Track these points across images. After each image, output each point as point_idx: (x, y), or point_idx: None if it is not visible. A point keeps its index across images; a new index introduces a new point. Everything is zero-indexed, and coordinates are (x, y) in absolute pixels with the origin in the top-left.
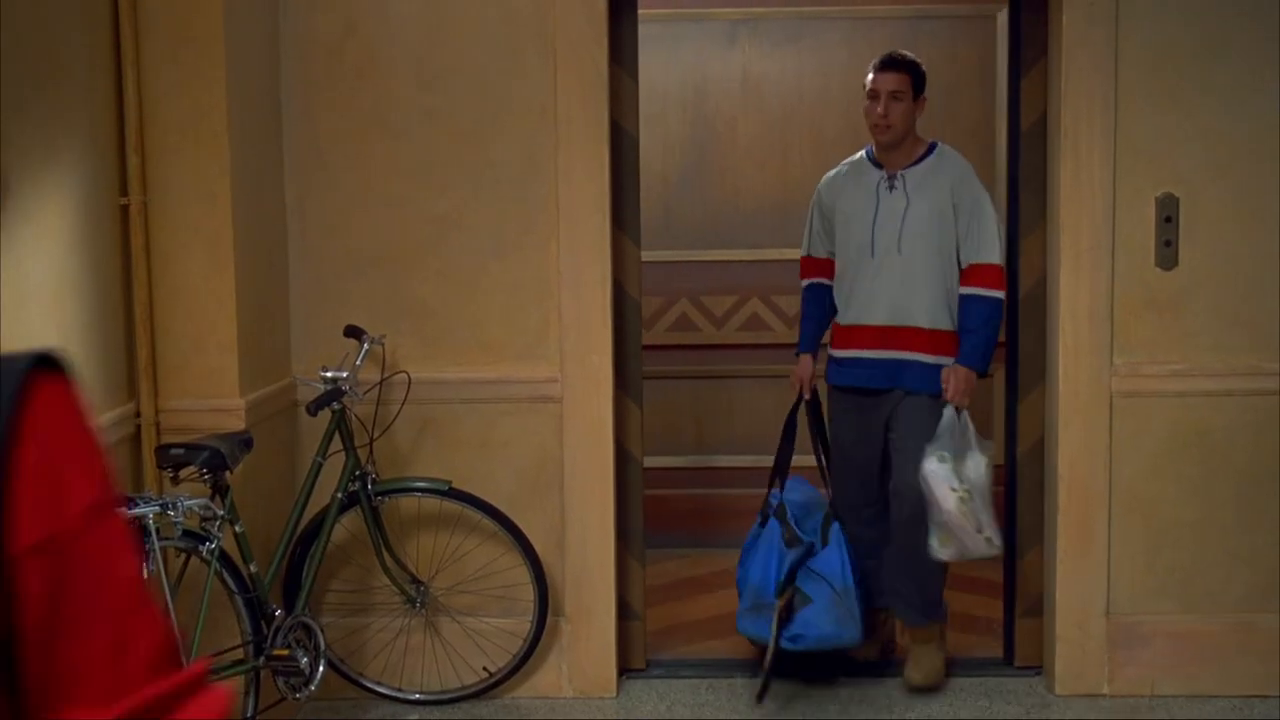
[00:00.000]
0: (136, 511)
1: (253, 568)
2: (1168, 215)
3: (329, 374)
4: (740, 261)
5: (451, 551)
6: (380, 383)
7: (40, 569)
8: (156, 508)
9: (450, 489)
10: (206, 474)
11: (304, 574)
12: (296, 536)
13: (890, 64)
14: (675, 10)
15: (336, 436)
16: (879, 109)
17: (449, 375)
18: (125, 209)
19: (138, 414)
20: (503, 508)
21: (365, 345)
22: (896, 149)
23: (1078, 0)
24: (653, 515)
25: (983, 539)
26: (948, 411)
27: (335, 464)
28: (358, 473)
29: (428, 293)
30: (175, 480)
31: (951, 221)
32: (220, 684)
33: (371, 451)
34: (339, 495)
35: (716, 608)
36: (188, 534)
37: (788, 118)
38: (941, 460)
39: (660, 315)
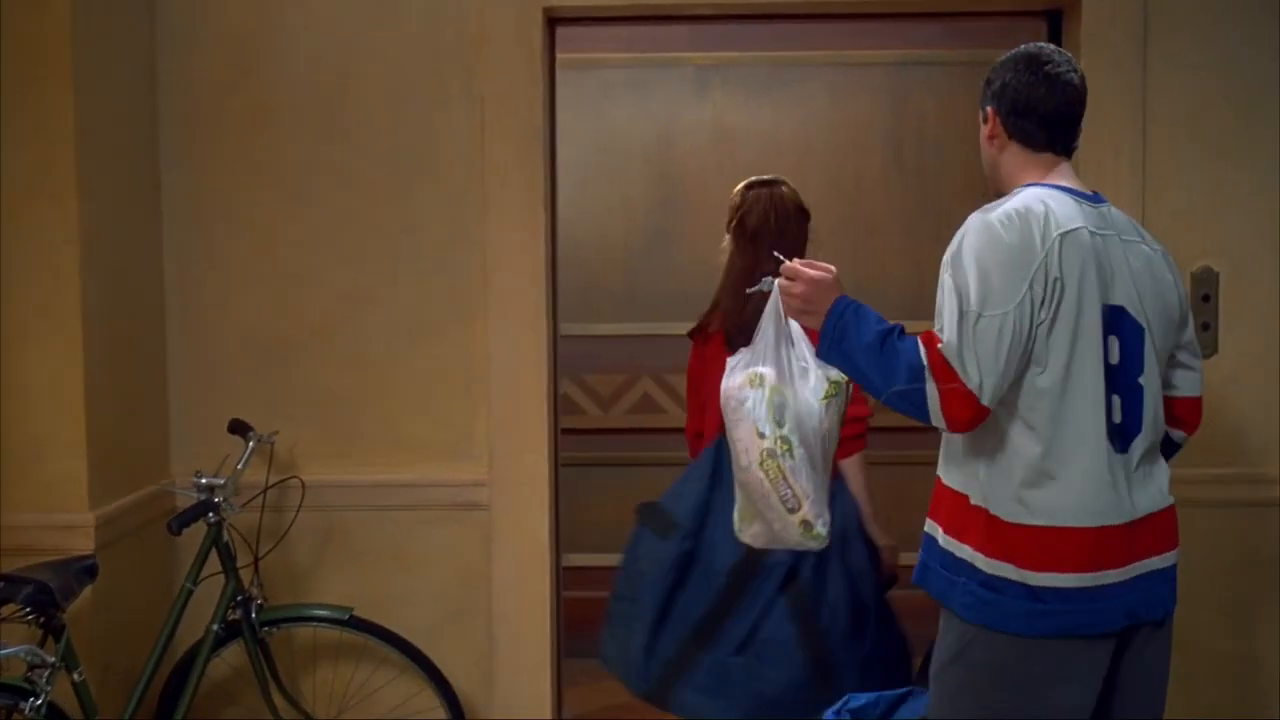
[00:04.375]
0: None
1: None
2: (1206, 293)
3: (203, 480)
4: None
5: (357, 689)
6: (264, 490)
7: None
8: None
9: (351, 618)
10: (31, 613)
11: None
12: (160, 678)
13: None
14: (638, 55)
15: (215, 556)
16: None
17: (357, 478)
18: None
19: None
20: (420, 635)
21: (251, 444)
22: None
23: (1101, 45)
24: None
25: (795, 522)
26: (772, 295)
27: (214, 589)
28: (239, 598)
29: (333, 381)
30: None
31: None
32: None
33: (257, 572)
34: (215, 627)
35: None
36: (5, 688)
37: (764, 174)
38: (754, 381)
39: (621, 395)
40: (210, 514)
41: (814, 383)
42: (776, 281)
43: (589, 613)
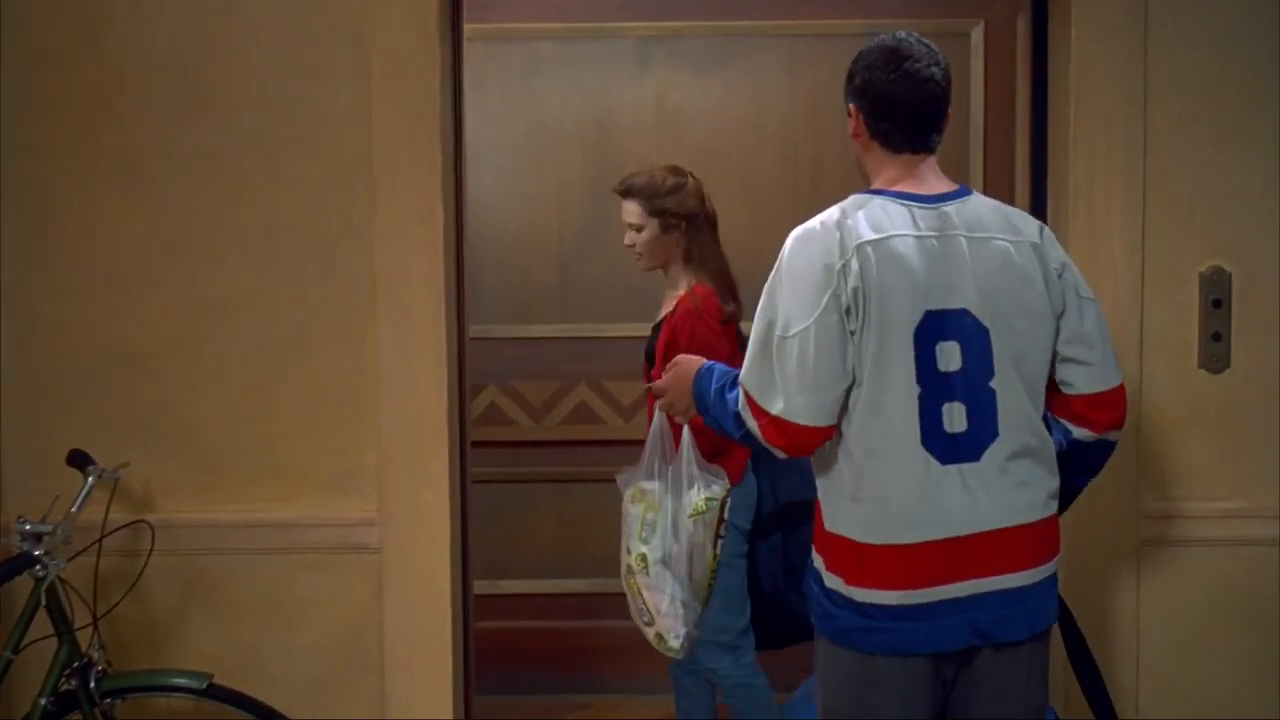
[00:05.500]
0: None
1: None
2: (1217, 298)
3: (26, 526)
4: None
5: None
6: (100, 538)
7: None
8: None
9: (210, 685)
10: None
11: None
12: None
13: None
14: (571, 25)
15: (44, 617)
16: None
17: (224, 517)
18: None
19: None
20: (301, 696)
21: (91, 479)
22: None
23: (1094, 12)
24: (541, 651)
25: (651, 634)
26: (657, 418)
27: (44, 655)
28: (76, 664)
29: (197, 404)
30: None
31: None
32: None
33: (97, 633)
34: (43, 701)
35: None
36: None
37: (713, 157)
38: (635, 497)
39: (554, 404)
40: (36, 567)
41: (689, 498)
42: (657, 406)
43: (520, 643)
